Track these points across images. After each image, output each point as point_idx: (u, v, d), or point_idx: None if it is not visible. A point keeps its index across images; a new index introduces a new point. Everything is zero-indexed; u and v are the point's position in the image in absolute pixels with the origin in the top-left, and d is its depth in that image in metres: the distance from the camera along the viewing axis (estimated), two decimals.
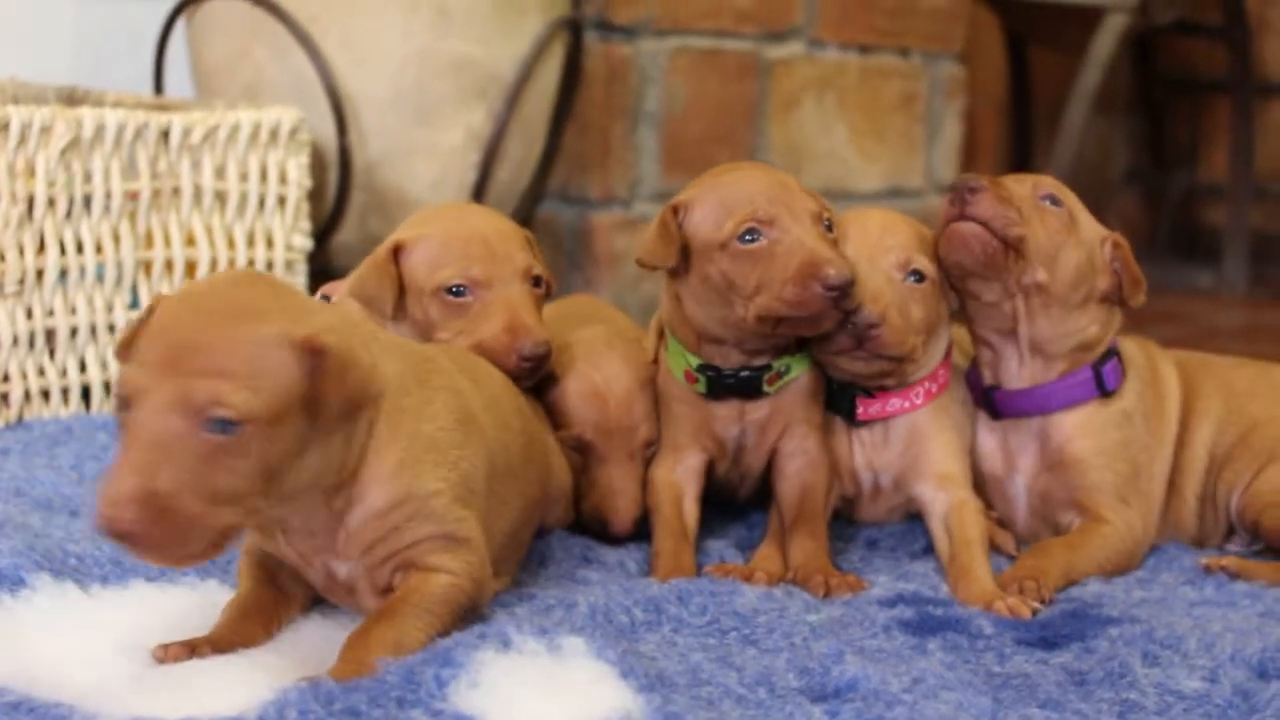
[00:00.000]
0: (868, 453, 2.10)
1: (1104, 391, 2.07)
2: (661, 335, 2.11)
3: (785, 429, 2.06)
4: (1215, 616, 1.85)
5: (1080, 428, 2.07)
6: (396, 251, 1.99)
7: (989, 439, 2.12)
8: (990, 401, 2.10)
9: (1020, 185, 2.04)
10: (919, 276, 2.02)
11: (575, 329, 2.14)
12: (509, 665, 1.55)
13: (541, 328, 1.95)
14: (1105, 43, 4.17)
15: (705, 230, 1.94)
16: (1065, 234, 2.03)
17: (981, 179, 1.99)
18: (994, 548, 2.08)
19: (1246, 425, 2.14)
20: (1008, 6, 4.45)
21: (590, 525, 2.08)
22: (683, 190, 2.00)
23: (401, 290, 1.99)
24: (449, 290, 1.97)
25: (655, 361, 2.11)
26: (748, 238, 1.91)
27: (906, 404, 2.08)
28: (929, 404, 2.08)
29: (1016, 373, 2.08)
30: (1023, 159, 4.77)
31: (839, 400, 2.09)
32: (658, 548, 2.00)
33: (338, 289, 2.06)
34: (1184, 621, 1.81)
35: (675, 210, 1.97)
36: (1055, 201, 2.04)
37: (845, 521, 2.17)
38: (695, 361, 2.02)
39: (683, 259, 1.96)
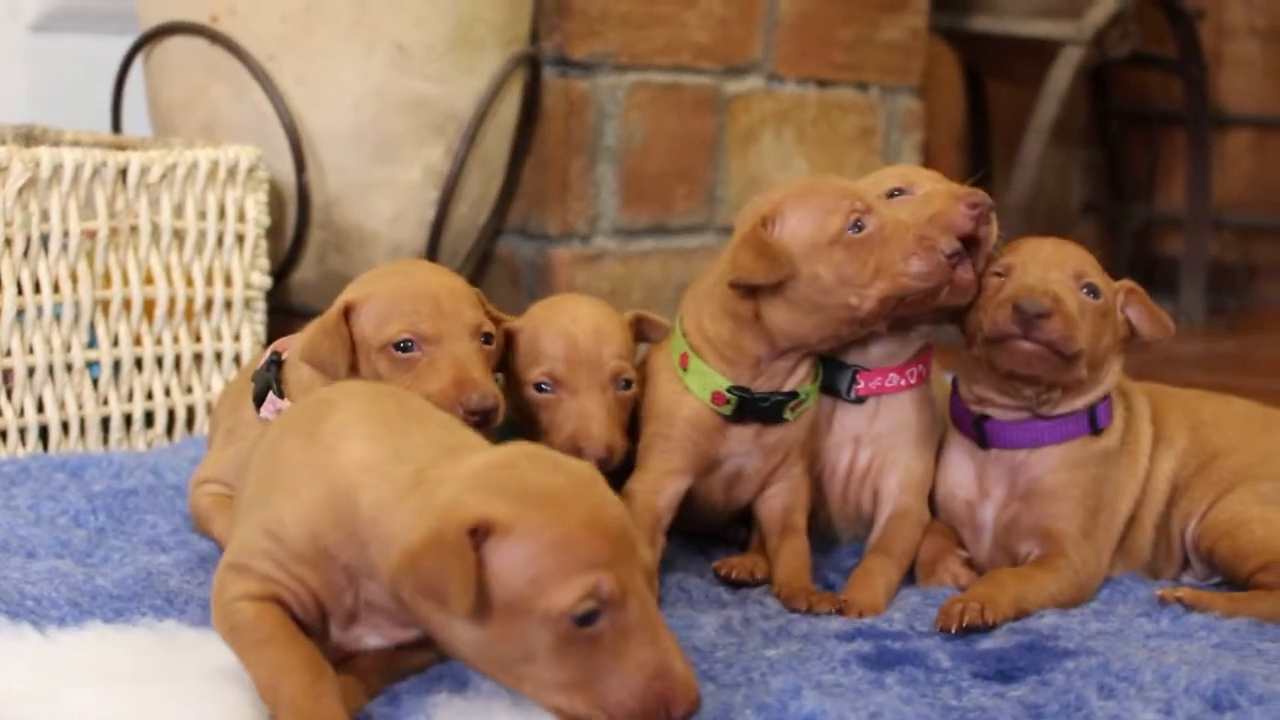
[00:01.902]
0: (851, 425, 2.14)
1: (1095, 429, 2.09)
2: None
3: (785, 456, 2.10)
4: (1171, 648, 1.86)
5: (1063, 460, 2.07)
6: (347, 312, 1.97)
7: (965, 467, 2.13)
8: (981, 433, 2.11)
9: (1062, 273, 2.02)
10: (1092, 291, 2.03)
11: None
12: (465, 706, 1.54)
13: (489, 382, 1.92)
14: (1061, 75, 4.19)
15: (807, 231, 1.99)
16: (1104, 325, 2.04)
17: (1046, 302, 1.97)
18: (958, 585, 2.08)
19: (1207, 455, 2.14)
20: (965, 40, 4.47)
21: None
22: (750, 207, 2.05)
23: (352, 350, 1.97)
24: (396, 345, 1.93)
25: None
26: (854, 229, 1.97)
27: (903, 381, 2.12)
28: (918, 389, 2.13)
29: (1014, 413, 2.09)
30: None
31: (838, 377, 2.12)
32: None
33: (289, 345, 2.05)
34: (1140, 653, 1.81)
35: (764, 223, 2.00)
36: (1093, 290, 2.04)
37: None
38: (726, 383, 2.05)
39: None
